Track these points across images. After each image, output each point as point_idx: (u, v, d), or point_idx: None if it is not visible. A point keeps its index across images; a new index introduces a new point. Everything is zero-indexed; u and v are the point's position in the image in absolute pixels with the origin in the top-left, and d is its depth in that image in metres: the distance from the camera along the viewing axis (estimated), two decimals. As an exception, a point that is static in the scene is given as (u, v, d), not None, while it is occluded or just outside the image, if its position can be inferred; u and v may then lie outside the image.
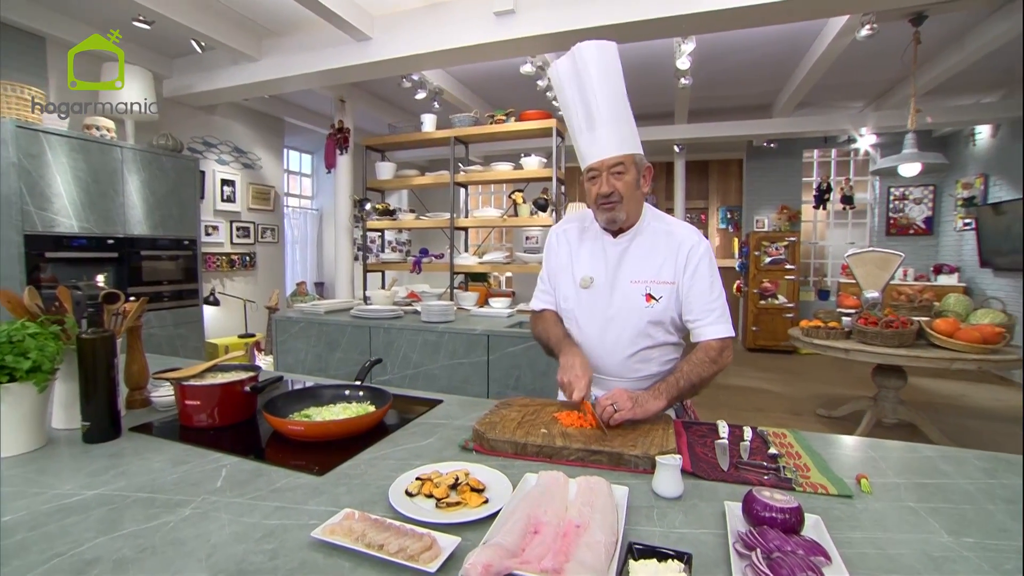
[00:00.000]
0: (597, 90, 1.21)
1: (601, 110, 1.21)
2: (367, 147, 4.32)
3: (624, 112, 1.24)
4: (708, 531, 0.76)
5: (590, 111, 1.22)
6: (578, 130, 1.26)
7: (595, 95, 1.21)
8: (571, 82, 1.24)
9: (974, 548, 0.72)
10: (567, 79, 1.24)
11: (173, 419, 1.23)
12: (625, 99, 1.24)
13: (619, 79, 1.24)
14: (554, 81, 1.28)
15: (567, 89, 1.25)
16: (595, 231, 1.34)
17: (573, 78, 1.23)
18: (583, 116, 1.24)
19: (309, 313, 3.19)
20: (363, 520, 0.73)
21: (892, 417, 3.60)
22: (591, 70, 1.20)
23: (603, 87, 1.21)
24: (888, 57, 4.27)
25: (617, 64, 1.23)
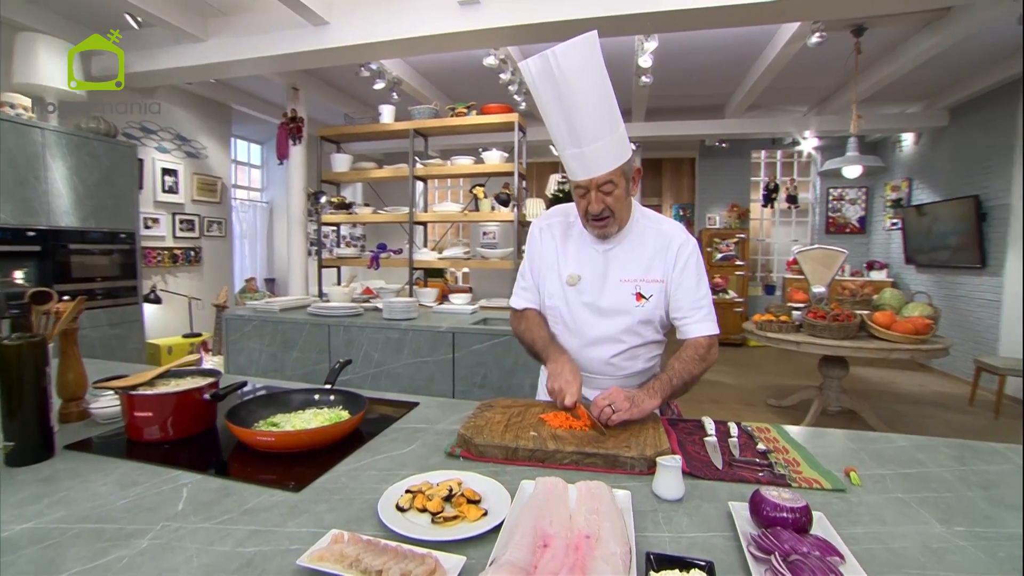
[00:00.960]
0: (581, 104, 1.07)
1: (586, 126, 1.09)
2: (322, 138, 4.13)
3: (611, 119, 1.11)
4: (717, 534, 0.74)
5: (573, 126, 1.09)
6: (560, 143, 1.14)
7: (578, 110, 1.07)
8: (549, 91, 1.08)
9: (967, 537, 0.74)
10: (544, 87, 1.09)
11: (118, 433, 1.10)
12: (611, 101, 1.11)
13: (604, 79, 1.09)
14: (529, 85, 1.12)
15: (545, 97, 1.10)
16: (581, 228, 1.30)
17: (551, 87, 1.07)
18: (565, 131, 1.11)
19: (263, 311, 3.01)
20: (355, 542, 0.67)
21: (836, 405, 3.81)
22: (573, 82, 1.05)
23: (587, 98, 1.07)
24: (831, 65, 4.50)
25: (600, 60, 1.08)
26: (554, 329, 1.34)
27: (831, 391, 3.81)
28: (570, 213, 1.34)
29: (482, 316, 3.19)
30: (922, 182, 5.93)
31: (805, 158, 7.41)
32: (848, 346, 3.33)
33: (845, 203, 7.01)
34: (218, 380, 1.16)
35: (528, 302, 1.37)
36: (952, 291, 5.34)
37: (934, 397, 4.74)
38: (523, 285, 1.38)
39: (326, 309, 2.94)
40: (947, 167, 5.51)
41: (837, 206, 7.06)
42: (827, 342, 3.42)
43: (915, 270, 5.95)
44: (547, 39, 3.50)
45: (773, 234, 7.84)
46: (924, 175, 5.92)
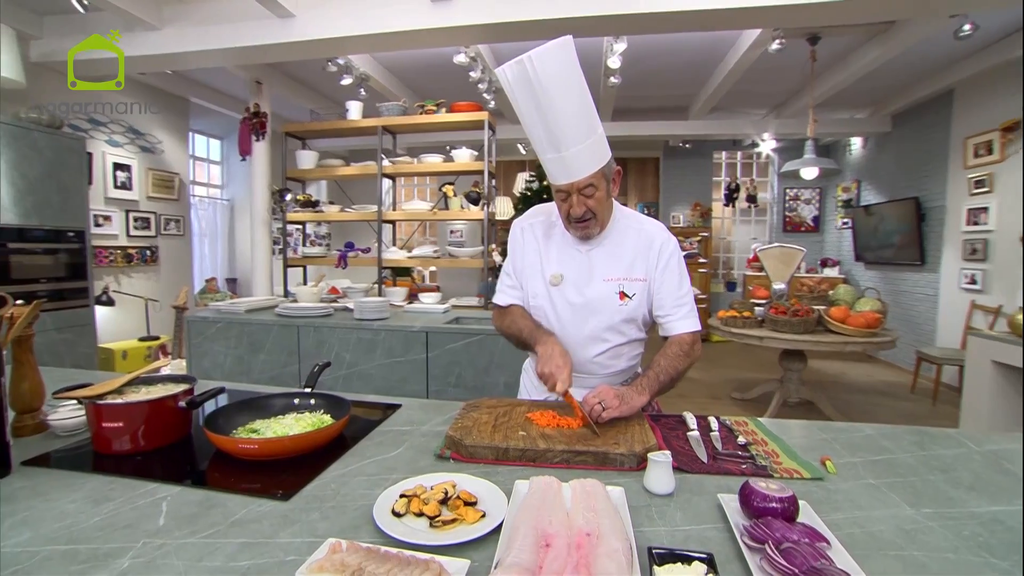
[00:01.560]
0: (559, 109, 1.07)
1: (565, 130, 1.09)
2: (286, 134, 4.00)
3: (589, 123, 1.12)
4: (709, 526, 0.77)
5: (552, 131, 1.09)
6: (540, 147, 1.14)
7: (557, 115, 1.07)
8: (527, 97, 1.08)
9: (934, 518, 0.79)
10: (521, 92, 1.08)
11: (82, 446, 1.04)
12: (589, 105, 1.11)
13: (581, 83, 1.09)
14: (505, 88, 1.11)
15: (522, 103, 1.10)
16: (562, 229, 1.30)
17: (528, 93, 1.07)
18: (544, 136, 1.11)
19: (227, 312, 2.89)
20: (354, 551, 0.65)
21: (795, 397, 4.00)
22: (548, 86, 1.05)
23: (565, 103, 1.07)
24: (788, 71, 4.70)
25: (576, 65, 1.07)
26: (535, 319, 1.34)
27: (791, 383, 3.99)
28: (552, 213, 1.35)
29: (454, 315, 3.17)
30: (869, 184, 6.28)
31: (764, 159, 7.71)
32: (807, 340, 3.49)
33: (801, 203, 7.34)
34: (193, 387, 1.11)
35: (513, 299, 1.37)
36: (896, 286, 5.68)
37: (880, 386, 5.03)
38: (508, 283, 1.38)
39: (295, 310, 2.85)
40: (891, 170, 5.85)
41: (793, 206, 7.38)
42: (788, 336, 3.57)
43: (864, 267, 6.30)
44: (518, 38, 3.51)
45: (734, 232, 8.12)
46: (871, 177, 6.26)
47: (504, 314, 1.38)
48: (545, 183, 6.35)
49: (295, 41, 3.22)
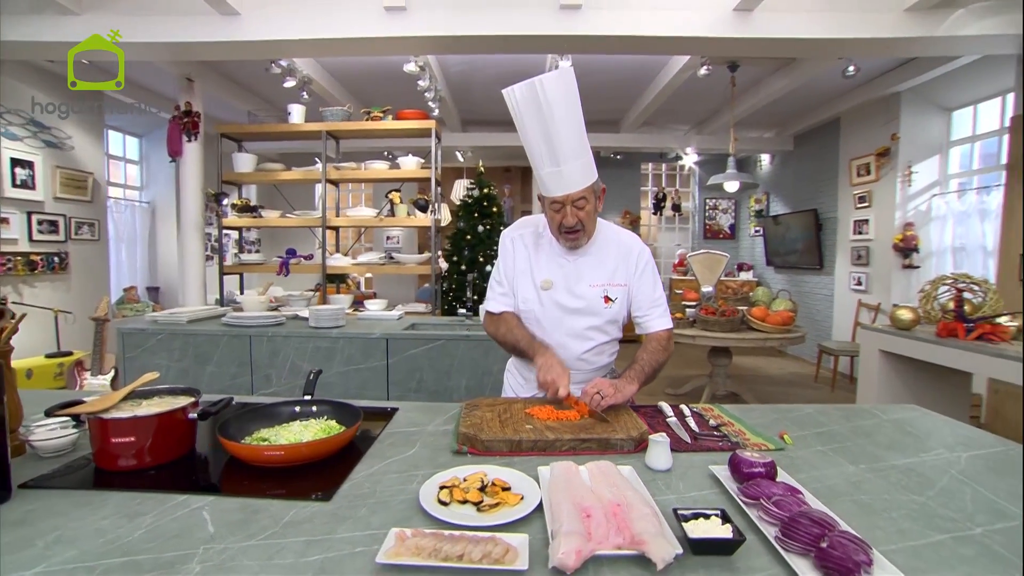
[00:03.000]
0: (561, 128, 1.20)
1: (564, 147, 1.22)
2: (222, 135, 3.81)
3: (584, 143, 1.26)
4: (708, 491, 0.91)
5: (553, 147, 1.22)
6: (539, 162, 1.27)
7: (559, 133, 1.20)
8: (532, 115, 1.21)
9: (869, 471, 1.00)
10: (527, 111, 1.21)
11: (78, 464, 0.99)
12: (583, 127, 1.25)
13: (579, 108, 1.23)
14: (511, 107, 1.24)
15: (527, 120, 1.23)
16: (550, 239, 1.42)
17: (534, 111, 1.20)
18: (546, 151, 1.24)
19: (168, 323, 2.72)
20: (421, 536, 0.72)
21: (723, 390, 4.40)
22: (555, 108, 1.18)
23: (566, 123, 1.21)
24: (710, 93, 5.18)
25: (576, 92, 1.22)
26: (531, 330, 1.45)
27: (719, 377, 4.39)
28: (538, 224, 1.47)
29: (408, 322, 3.19)
30: (777, 196, 7.03)
31: (686, 171, 8.35)
32: (734, 337, 3.88)
33: (719, 212, 8.05)
34: (198, 399, 1.10)
35: (505, 306, 1.46)
36: (800, 288, 6.41)
37: (790, 377, 5.66)
38: (500, 291, 1.47)
39: (245, 319, 2.74)
40: (793, 184, 6.60)
41: (713, 215, 8.07)
42: (717, 335, 3.95)
43: (774, 271, 7.03)
44: (468, 51, 3.61)
45: (660, 239, 8.71)
46: (778, 190, 7.01)
47: (498, 321, 1.46)
48: (486, 191, 6.48)
49: (239, 41, 3.09)
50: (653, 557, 0.67)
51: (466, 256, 6.39)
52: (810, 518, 0.73)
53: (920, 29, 3.16)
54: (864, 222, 5.16)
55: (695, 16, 3.10)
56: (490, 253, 6.30)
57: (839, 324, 5.68)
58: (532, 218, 1.50)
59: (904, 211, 4.77)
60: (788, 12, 3.10)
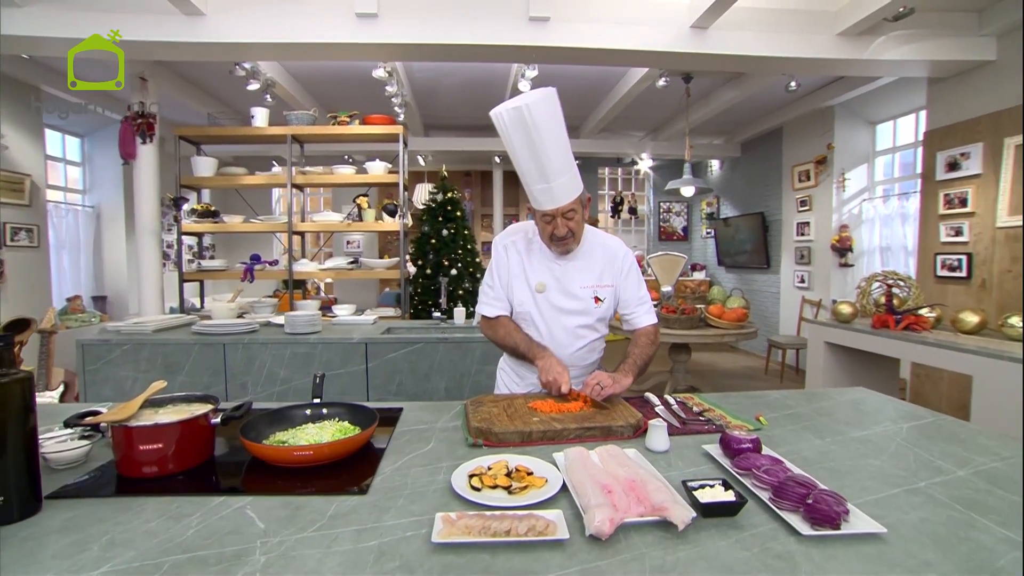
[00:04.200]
0: (548, 147, 1.28)
1: (553, 165, 1.30)
2: (180, 137, 3.68)
3: (570, 159, 1.34)
4: (705, 467, 1.04)
5: (542, 166, 1.30)
6: (530, 179, 1.35)
7: (547, 152, 1.28)
8: (520, 135, 1.28)
9: (834, 444, 1.16)
10: (515, 131, 1.28)
11: (97, 475, 1.00)
12: (568, 144, 1.33)
13: (563, 127, 1.31)
14: (500, 129, 1.31)
15: (515, 140, 1.29)
16: (540, 244, 1.51)
17: (521, 132, 1.27)
18: (535, 169, 1.32)
19: (132, 333, 2.62)
20: (468, 517, 0.80)
21: (683, 384, 4.65)
22: (541, 128, 1.26)
23: (553, 142, 1.28)
24: (666, 102, 5.46)
25: (560, 111, 1.30)
26: (526, 331, 1.54)
27: (679, 373, 4.64)
28: (528, 231, 1.56)
29: (384, 326, 3.21)
30: (726, 200, 7.46)
31: (641, 176, 8.70)
32: (693, 334, 4.12)
33: (673, 215, 8.44)
34: (217, 405, 1.12)
35: (500, 310, 1.55)
36: (749, 286, 6.84)
37: (742, 371, 6.03)
38: (493, 295, 1.55)
39: (217, 327, 2.68)
40: (742, 188, 7.03)
41: (667, 217, 8.46)
42: (677, 332, 4.17)
43: (725, 270, 7.46)
44: (438, 59, 3.67)
45: (617, 241, 9.02)
46: (727, 194, 7.44)
47: (495, 325, 1.54)
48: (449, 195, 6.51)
49: (203, 42, 3.01)
50: (675, 520, 0.77)
51: (431, 260, 6.40)
52: (795, 481, 0.86)
53: (849, 52, 3.50)
54: (806, 224, 5.59)
55: (656, 32, 3.30)
56: (455, 257, 6.34)
57: (785, 319, 6.11)
58: (521, 225, 1.59)
59: (840, 214, 5.21)
60: (739, 31, 3.35)
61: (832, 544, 0.75)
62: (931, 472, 1.01)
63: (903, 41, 3.51)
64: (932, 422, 1.32)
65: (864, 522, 0.79)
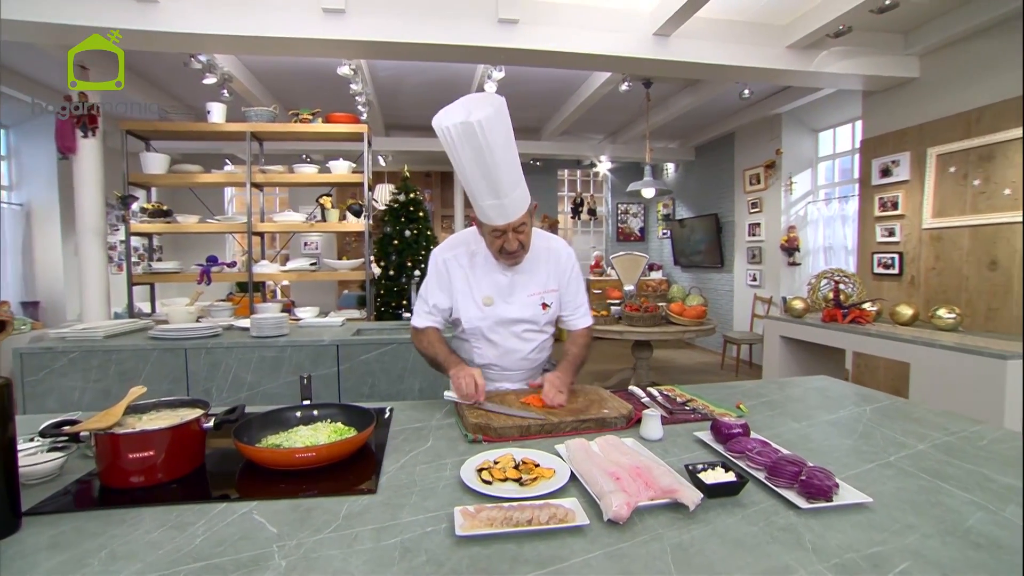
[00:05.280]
0: (500, 163, 1.21)
1: (504, 180, 1.25)
2: (128, 132, 3.47)
3: (519, 173, 1.30)
4: (699, 452, 1.09)
5: (493, 181, 1.24)
6: (479, 195, 1.29)
7: (498, 168, 1.22)
8: (469, 151, 1.20)
9: (811, 426, 1.25)
10: (464, 146, 1.20)
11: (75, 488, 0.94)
12: (518, 157, 1.29)
13: (513, 138, 1.25)
14: (445, 141, 1.23)
15: (463, 155, 1.22)
16: (485, 255, 1.48)
17: (471, 148, 1.19)
18: (485, 186, 1.26)
19: (79, 340, 2.45)
20: (487, 510, 0.81)
21: (645, 380, 4.80)
22: (493, 144, 1.19)
23: (503, 155, 1.22)
24: (626, 106, 5.62)
25: (508, 120, 1.24)
26: (476, 344, 1.56)
27: (642, 369, 4.78)
28: (470, 243, 1.51)
29: (353, 327, 3.15)
30: (681, 202, 7.75)
31: (600, 178, 8.90)
32: (656, 331, 4.26)
33: (630, 216, 8.68)
34: (207, 409, 1.08)
35: (430, 322, 1.53)
36: (705, 285, 7.13)
37: (699, 366, 6.28)
38: (426, 309, 1.53)
39: (177, 332, 2.54)
40: (696, 191, 7.33)
41: (624, 218, 8.69)
42: (641, 329, 4.31)
43: (681, 270, 7.74)
44: (405, 57, 3.63)
45: (576, 241, 9.18)
46: (682, 196, 7.74)
47: (422, 335, 1.53)
48: (412, 196, 6.44)
49: (157, 31, 2.84)
50: (686, 501, 0.82)
51: (394, 261, 6.31)
52: (787, 460, 0.93)
53: (797, 63, 3.74)
54: (757, 225, 5.90)
55: (621, 38, 3.40)
56: (418, 259, 6.28)
57: (739, 316, 6.41)
58: (461, 236, 1.55)
59: (788, 216, 5.54)
60: (698, 40, 3.51)
61: (827, 515, 0.82)
62: (897, 447, 1.11)
63: (842, 56, 3.79)
64: (889, 404, 1.44)
65: (852, 494, 0.86)
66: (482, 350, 1.56)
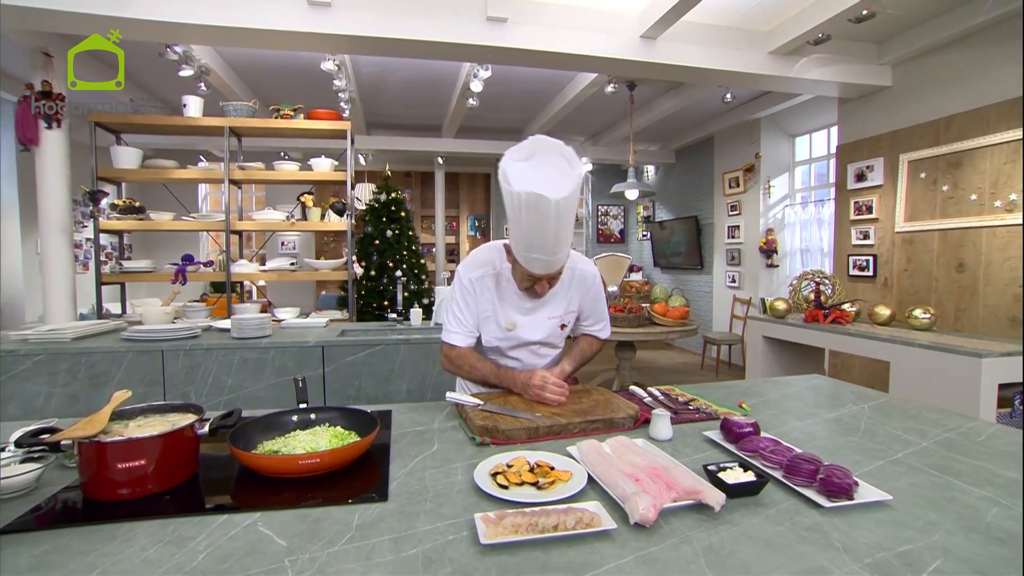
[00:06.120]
0: (562, 229, 1.21)
1: (560, 242, 1.24)
2: (97, 124, 3.31)
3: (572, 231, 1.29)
4: (711, 452, 1.08)
5: (547, 242, 1.22)
6: (528, 248, 1.26)
7: (558, 233, 1.21)
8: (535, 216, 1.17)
9: (815, 424, 1.26)
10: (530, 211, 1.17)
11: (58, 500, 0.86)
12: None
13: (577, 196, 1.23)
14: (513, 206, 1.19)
15: (526, 218, 1.19)
16: (509, 279, 1.45)
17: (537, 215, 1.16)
18: (537, 242, 1.23)
19: (45, 341, 2.32)
20: (510, 516, 0.77)
21: (628, 381, 4.83)
22: (564, 214, 1.17)
23: (567, 226, 1.21)
24: (609, 108, 5.66)
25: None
26: (491, 355, 1.56)
27: (625, 370, 4.81)
28: (495, 265, 1.47)
29: (338, 328, 3.07)
30: (662, 204, 7.85)
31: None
32: (640, 332, 4.29)
33: (610, 218, 8.75)
34: (201, 413, 1.01)
35: (464, 341, 1.49)
36: (684, 286, 7.23)
37: (680, 367, 6.36)
38: (458, 327, 1.48)
39: (154, 333, 2.43)
40: (676, 193, 7.44)
41: (604, 220, 8.75)
42: (625, 330, 4.33)
43: (660, 271, 7.84)
44: (392, 53, 3.56)
45: (558, 243, 9.21)
46: (662, 198, 7.84)
47: (458, 358, 1.49)
48: (393, 195, 6.35)
49: (131, 18, 2.71)
50: (710, 502, 0.80)
51: (375, 261, 6.20)
52: (802, 458, 0.92)
53: (778, 69, 3.83)
54: (736, 227, 6.02)
55: (609, 39, 3.42)
56: (399, 259, 6.19)
57: (718, 317, 6.52)
58: (486, 255, 1.50)
59: (766, 219, 5.66)
60: (684, 43, 3.55)
61: (850, 513, 0.81)
62: (902, 444, 1.12)
63: (820, 64, 3.89)
64: (884, 402, 1.47)
65: (871, 491, 0.86)
66: (497, 360, 1.56)
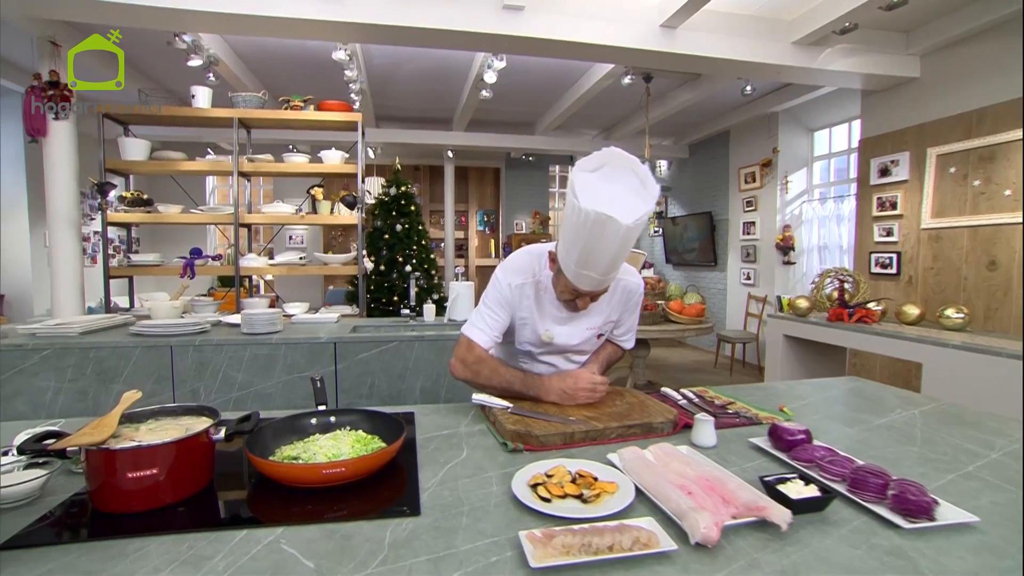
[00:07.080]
0: (621, 249, 1.16)
1: (615, 263, 1.19)
2: (105, 115, 3.25)
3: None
4: (760, 460, 1.00)
5: (602, 262, 1.16)
6: (580, 264, 1.19)
7: (615, 253, 1.16)
8: (596, 235, 1.11)
9: (864, 431, 1.17)
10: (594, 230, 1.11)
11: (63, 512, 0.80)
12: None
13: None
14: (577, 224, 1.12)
15: (585, 235, 1.12)
16: (549, 290, 1.38)
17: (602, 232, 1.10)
18: (592, 261, 1.17)
19: (52, 336, 2.27)
20: (559, 535, 0.70)
21: (642, 379, 4.75)
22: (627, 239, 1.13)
23: (631, 242, 1.17)
24: (623, 101, 5.55)
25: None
26: (522, 358, 1.50)
27: (639, 368, 4.72)
28: (535, 273, 1.39)
29: (349, 324, 3.01)
30: (674, 199, 7.73)
31: (591, 175, 8.83)
32: (655, 329, 4.20)
33: (622, 214, 8.63)
34: (217, 417, 0.95)
35: (489, 340, 1.39)
36: (697, 283, 7.13)
37: (692, 365, 6.27)
38: (486, 324, 1.40)
39: (163, 327, 2.37)
40: (690, 188, 7.32)
41: (616, 216, 8.64)
42: (641, 327, 4.24)
43: (673, 268, 7.73)
44: (405, 42, 3.48)
45: (568, 239, 9.11)
46: (675, 194, 7.72)
47: (480, 362, 1.37)
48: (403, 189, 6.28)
49: (140, 5, 2.65)
50: (777, 520, 0.72)
51: (384, 256, 6.14)
52: (868, 471, 0.84)
53: (802, 60, 3.71)
54: (751, 224, 5.90)
55: (628, 28, 3.32)
56: (409, 253, 6.13)
57: (732, 315, 6.42)
58: (526, 261, 1.42)
59: (783, 215, 5.54)
60: (704, 33, 3.45)
61: (932, 536, 0.73)
62: (969, 456, 1.04)
63: (845, 54, 3.77)
64: (938, 407, 1.38)
65: (952, 511, 0.77)
66: (528, 364, 1.50)
